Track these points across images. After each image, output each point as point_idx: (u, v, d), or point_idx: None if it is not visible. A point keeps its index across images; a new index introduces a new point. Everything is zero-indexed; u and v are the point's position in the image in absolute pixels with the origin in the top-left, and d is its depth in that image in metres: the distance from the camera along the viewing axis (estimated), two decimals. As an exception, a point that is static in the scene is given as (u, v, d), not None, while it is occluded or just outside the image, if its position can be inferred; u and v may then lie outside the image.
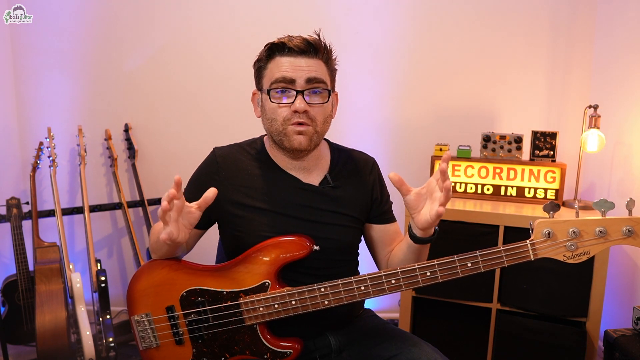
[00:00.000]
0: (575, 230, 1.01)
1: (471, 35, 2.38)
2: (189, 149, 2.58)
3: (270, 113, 1.16)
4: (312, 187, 1.22)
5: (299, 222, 1.19)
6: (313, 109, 1.15)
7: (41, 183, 2.60)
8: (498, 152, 2.13)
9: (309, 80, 1.13)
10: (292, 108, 1.13)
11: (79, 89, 2.60)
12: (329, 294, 1.10)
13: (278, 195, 1.20)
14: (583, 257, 1.03)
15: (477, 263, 1.04)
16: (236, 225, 1.20)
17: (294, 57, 1.14)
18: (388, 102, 2.49)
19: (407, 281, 1.07)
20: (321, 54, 1.16)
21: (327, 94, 1.17)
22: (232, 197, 1.20)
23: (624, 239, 1.00)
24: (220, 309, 1.15)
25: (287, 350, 1.14)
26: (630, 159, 1.96)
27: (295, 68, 1.13)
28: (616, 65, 2.10)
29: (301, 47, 1.14)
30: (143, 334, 1.20)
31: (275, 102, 1.15)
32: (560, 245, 1.02)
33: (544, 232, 1.02)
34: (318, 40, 1.16)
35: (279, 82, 1.13)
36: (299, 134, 1.14)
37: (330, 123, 1.22)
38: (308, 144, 1.16)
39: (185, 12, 2.51)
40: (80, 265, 2.59)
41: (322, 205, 1.21)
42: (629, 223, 0.99)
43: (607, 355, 1.63)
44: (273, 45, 1.16)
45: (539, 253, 1.03)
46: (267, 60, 1.17)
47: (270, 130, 1.18)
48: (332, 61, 1.21)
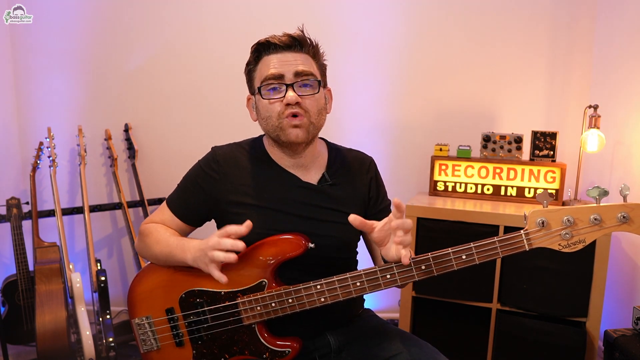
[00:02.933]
0: (570, 219, 1.00)
1: (471, 35, 2.38)
2: (189, 149, 2.56)
3: (264, 111, 1.17)
4: (310, 185, 1.23)
5: (299, 219, 1.19)
6: (305, 100, 1.15)
7: (41, 183, 2.60)
8: (498, 152, 2.13)
9: (297, 74, 1.14)
10: (284, 101, 1.14)
11: (79, 89, 2.60)
12: (325, 291, 1.09)
13: (277, 193, 1.21)
14: (579, 245, 1.01)
15: (472, 255, 1.03)
16: (235, 224, 1.20)
17: (281, 53, 1.15)
18: (388, 102, 2.48)
19: (402, 275, 1.06)
20: (307, 48, 1.18)
21: (317, 85, 1.18)
22: (231, 196, 1.20)
23: (619, 225, 0.99)
24: (219, 309, 1.15)
25: (285, 350, 1.14)
26: (630, 159, 1.96)
27: (283, 63, 1.14)
28: (616, 65, 2.10)
29: (286, 42, 1.15)
30: (144, 336, 1.20)
31: (267, 98, 1.16)
32: (555, 234, 1.01)
33: (538, 221, 1.01)
34: (302, 35, 1.18)
35: (269, 80, 1.15)
36: (295, 127, 1.14)
37: (325, 117, 1.22)
38: (305, 136, 1.16)
39: (185, 12, 2.51)
40: (80, 265, 2.59)
41: (321, 203, 1.22)
42: (623, 209, 0.98)
43: (607, 355, 1.63)
44: (259, 46, 1.17)
45: (533, 243, 1.02)
46: (256, 62, 1.19)
47: (267, 128, 1.19)
48: (319, 55, 1.22)
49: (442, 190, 2.19)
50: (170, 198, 1.27)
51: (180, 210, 1.24)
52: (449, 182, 2.18)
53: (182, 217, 1.24)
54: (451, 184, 2.18)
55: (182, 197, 1.25)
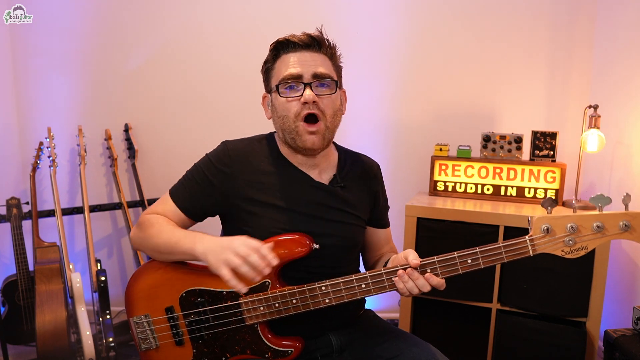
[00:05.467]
0: (573, 226, 1.02)
1: (471, 35, 2.38)
2: (189, 149, 2.56)
3: (281, 110, 1.16)
4: (323, 185, 1.23)
5: (310, 219, 1.19)
6: (322, 100, 1.15)
7: (41, 183, 2.59)
8: (498, 152, 2.13)
9: (315, 76, 1.15)
10: (301, 100, 1.13)
11: (79, 89, 2.60)
12: (329, 292, 1.10)
13: (291, 192, 1.20)
14: (581, 252, 1.03)
15: (477, 259, 1.05)
16: (246, 221, 1.19)
17: (299, 52, 1.16)
18: (388, 102, 2.49)
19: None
20: (325, 49, 1.18)
21: (334, 85, 1.18)
22: (244, 192, 1.18)
23: (621, 233, 1.01)
24: (221, 309, 1.15)
25: (288, 349, 1.14)
26: (630, 159, 1.96)
27: (302, 63, 1.15)
28: (616, 65, 2.10)
29: (305, 42, 1.16)
30: (142, 335, 1.20)
31: (284, 96, 1.15)
32: (558, 240, 1.03)
33: (543, 227, 1.02)
34: (321, 36, 1.18)
35: (287, 79, 1.15)
36: (312, 134, 1.14)
37: (340, 118, 1.23)
38: (321, 143, 1.16)
39: (185, 12, 2.51)
40: (80, 265, 2.59)
41: (332, 204, 1.22)
42: (625, 218, 1.00)
43: (607, 355, 1.63)
44: (278, 44, 1.17)
45: (537, 249, 1.03)
46: (274, 60, 1.19)
47: (283, 128, 1.18)
48: (336, 57, 1.22)
49: (442, 190, 2.19)
50: (174, 189, 1.23)
51: (185, 202, 1.20)
52: (449, 182, 2.18)
53: (185, 210, 1.20)
54: (451, 184, 2.18)
55: (188, 189, 1.21)
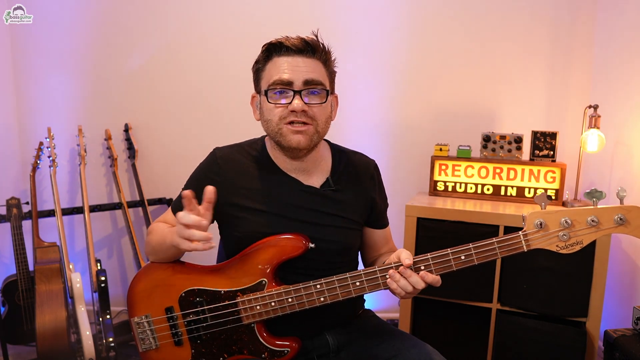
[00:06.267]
0: (568, 220, 1.01)
1: (471, 35, 2.38)
2: (189, 148, 2.58)
3: (267, 114, 1.15)
4: (313, 189, 1.22)
5: (299, 224, 1.18)
6: (312, 108, 1.14)
7: (41, 183, 2.60)
8: (498, 152, 2.13)
9: (306, 82, 1.12)
10: (289, 108, 1.12)
11: (79, 89, 2.60)
12: (324, 290, 1.10)
13: (278, 197, 1.20)
14: (576, 247, 1.02)
15: (471, 255, 1.04)
16: (236, 227, 1.20)
17: (292, 56, 1.13)
18: (388, 102, 2.48)
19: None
20: (319, 54, 1.15)
21: (325, 94, 1.16)
22: (232, 199, 1.20)
23: (616, 227, 1.00)
24: (218, 308, 1.15)
25: (284, 349, 1.14)
26: (630, 159, 1.96)
27: (293, 68, 1.12)
28: (616, 65, 2.10)
29: (299, 46, 1.13)
30: (142, 335, 1.20)
31: (273, 102, 1.14)
32: (552, 235, 1.02)
33: (536, 222, 1.02)
34: (316, 41, 1.15)
35: (277, 84, 1.12)
36: (297, 133, 1.13)
37: (329, 125, 1.21)
38: (307, 143, 1.14)
39: (186, 12, 2.51)
40: (80, 265, 2.59)
41: (323, 208, 1.21)
42: (620, 211, 1.00)
43: (607, 355, 1.63)
44: (270, 46, 1.15)
45: (531, 244, 1.03)
46: (265, 61, 1.16)
47: (268, 131, 1.18)
48: (330, 62, 1.19)
49: (442, 190, 2.19)
50: (174, 202, 1.28)
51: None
52: (449, 182, 2.18)
53: None
54: (451, 184, 2.18)
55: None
